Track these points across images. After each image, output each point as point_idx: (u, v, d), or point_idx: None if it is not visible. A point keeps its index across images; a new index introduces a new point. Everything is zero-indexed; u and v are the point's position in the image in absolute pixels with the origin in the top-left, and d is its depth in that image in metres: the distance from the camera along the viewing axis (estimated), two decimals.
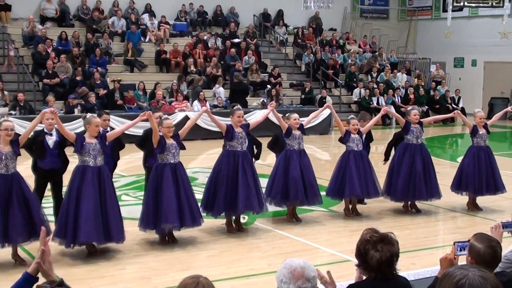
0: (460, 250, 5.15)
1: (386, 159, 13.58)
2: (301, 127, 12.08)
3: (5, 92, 23.31)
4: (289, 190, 11.81)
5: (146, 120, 10.35)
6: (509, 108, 14.96)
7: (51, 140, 10.95)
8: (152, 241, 10.68)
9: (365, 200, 13.24)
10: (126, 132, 11.53)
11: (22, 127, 20.29)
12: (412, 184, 12.54)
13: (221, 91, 26.89)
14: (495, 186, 13.07)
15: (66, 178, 11.06)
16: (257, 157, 12.73)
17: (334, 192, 12.48)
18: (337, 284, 5.19)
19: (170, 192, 10.29)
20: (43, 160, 10.71)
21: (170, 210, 10.27)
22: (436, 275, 5.28)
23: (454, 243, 5.23)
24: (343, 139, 12.49)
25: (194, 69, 27.98)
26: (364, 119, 13.28)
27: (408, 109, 13.47)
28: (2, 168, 9.33)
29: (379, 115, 13.29)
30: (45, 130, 10.72)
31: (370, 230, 4.91)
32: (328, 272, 5.09)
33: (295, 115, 12.16)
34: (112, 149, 11.34)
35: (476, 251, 4.92)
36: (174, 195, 10.35)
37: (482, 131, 13.01)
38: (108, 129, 11.54)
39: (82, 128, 10.43)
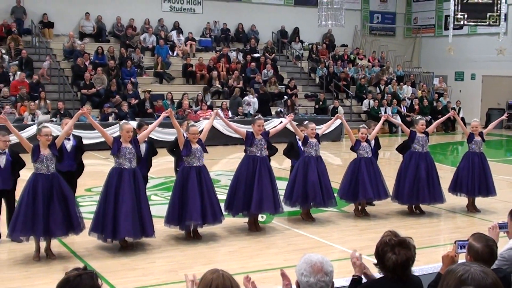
0: (461, 248, 5.14)
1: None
2: (317, 136, 12.10)
3: (48, 101, 23.47)
4: (308, 194, 11.82)
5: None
6: (503, 117, 15.00)
7: (68, 144, 10.99)
8: (177, 237, 10.71)
9: (373, 202, 13.21)
10: (158, 138, 11.58)
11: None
12: (416, 189, 12.54)
13: (255, 101, 27.06)
14: (487, 189, 13.09)
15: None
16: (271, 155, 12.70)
17: (348, 195, 12.48)
18: (346, 279, 5.19)
19: (195, 193, 10.32)
20: (61, 163, 10.69)
21: (194, 209, 10.31)
22: (438, 271, 5.26)
23: (455, 242, 5.21)
24: (354, 148, 12.51)
25: (220, 86, 28.04)
26: (369, 126, 13.26)
27: (417, 118, 13.51)
28: (43, 169, 9.44)
29: (381, 122, 13.32)
30: None
31: (391, 233, 4.87)
32: (359, 255, 5.13)
33: (313, 125, 12.19)
34: (147, 156, 11.37)
35: (475, 250, 4.92)
36: (198, 195, 10.38)
37: (477, 138, 13.08)
38: None
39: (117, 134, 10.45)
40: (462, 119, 27.44)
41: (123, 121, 10.81)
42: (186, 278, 4.55)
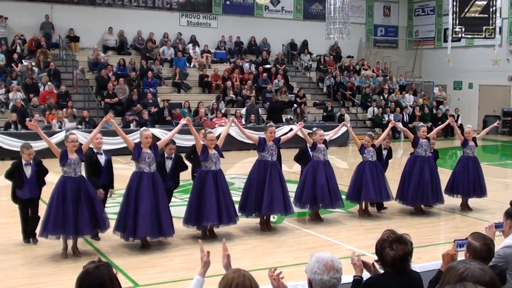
0: (459, 247, 5.14)
1: None
2: (324, 142, 12.10)
3: (74, 110, 23.58)
4: (317, 196, 11.82)
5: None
6: (495, 124, 15.06)
7: (102, 159, 10.93)
8: (195, 237, 10.70)
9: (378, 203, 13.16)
10: (177, 144, 11.56)
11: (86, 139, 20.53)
12: (421, 191, 12.54)
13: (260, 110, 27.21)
14: (480, 190, 13.20)
15: None
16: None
17: (352, 196, 12.48)
18: (353, 275, 5.19)
19: (211, 195, 10.34)
20: (99, 177, 10.65)
21: (211, 211, 10.33)
22: (439, 268, 5.25)
23: (454, 241, 5.21)
24: (360, 151, 12.52)
25: (234, 95, 28.11)
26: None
27: (419, 125, 13.53)
28: (71, 172, 9.52)
29: (388, 129, 13.29)
30: (95, 150, 10.70)
31: (389, 231, 4.91)
32: (358, 257, 5.14)
33: (321, 132, 12.20)
34: (174, 171, 11.29)
35: (473, 248, 4.92)
36: (215, 197, 10.40)
37: (471, 143, 13.19)
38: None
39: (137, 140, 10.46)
40: (461, 125, 27.51)
41: (143, 128, 10.86)
42: (201, 245, 4.74)
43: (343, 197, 12.42)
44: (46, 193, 10.21)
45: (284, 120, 26.96)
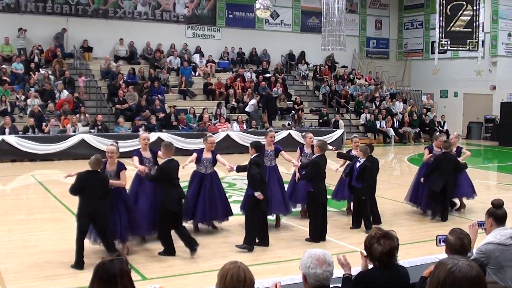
0: (440, 242, 5.18)
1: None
2: (312, 146, 11.95)
3: (87, 115, 23.60)
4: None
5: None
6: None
7: None
8: (197, 233, 10.71)
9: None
10: (182, 147, 11.61)
11: (100, 143, 20.55)
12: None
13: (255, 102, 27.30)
14: (473, 190, 13.17)
15: None
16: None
17: (336, 195, 12.54)
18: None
19: (201, 194, 10.49)
20: None
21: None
22: (422, 275, 5.15)
23: (436, 237, 5.26)
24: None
25: (236, 103, 28.14)
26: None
27: (436, 134, 13.55)
28: None
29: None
30: None
31: (376, 228, 4.96)
32: (344, 256, 5.15)
33: (310, 135, 12.22)
34: None
35: (448, 242, 5.03)
36: (202, 197, 10.63)
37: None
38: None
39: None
40: (446, 131, 27.55)
41: (141, 131, 10.97)
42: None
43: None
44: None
45: (281, 125, 27.00)
